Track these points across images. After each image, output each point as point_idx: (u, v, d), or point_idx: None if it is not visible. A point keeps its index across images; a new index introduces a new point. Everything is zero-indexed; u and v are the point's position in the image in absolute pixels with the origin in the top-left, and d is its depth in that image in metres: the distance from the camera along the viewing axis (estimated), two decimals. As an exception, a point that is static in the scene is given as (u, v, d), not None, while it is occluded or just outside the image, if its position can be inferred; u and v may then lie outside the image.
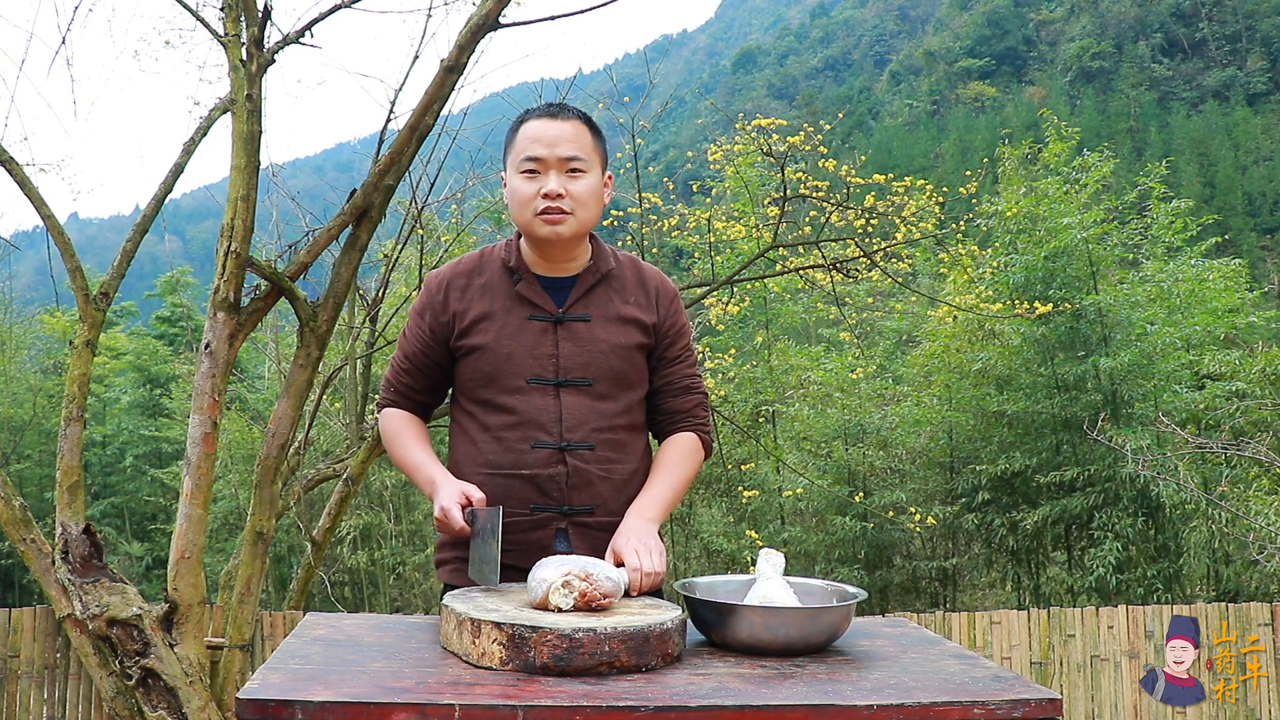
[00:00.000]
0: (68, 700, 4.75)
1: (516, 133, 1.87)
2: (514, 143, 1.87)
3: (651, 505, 1.83)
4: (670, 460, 1.91)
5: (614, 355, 1.87)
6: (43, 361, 16.09)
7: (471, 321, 1.88)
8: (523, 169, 1.84)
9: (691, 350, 2.00)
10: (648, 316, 1.92)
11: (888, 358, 12.99)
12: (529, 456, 1.83)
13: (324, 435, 9.34)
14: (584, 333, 1.86)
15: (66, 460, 4.47)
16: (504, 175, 1.92)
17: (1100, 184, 10.42)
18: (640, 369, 1.92)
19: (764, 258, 7.27)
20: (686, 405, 1.96)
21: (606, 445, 1.86)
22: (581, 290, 1.89)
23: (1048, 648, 5.42)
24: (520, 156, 1.84)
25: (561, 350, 1.85)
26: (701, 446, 1.96)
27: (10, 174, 4.69)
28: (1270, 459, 6.19)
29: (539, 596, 1.48)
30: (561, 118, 1.85)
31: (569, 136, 1.83)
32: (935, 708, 1.26)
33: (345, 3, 4.87)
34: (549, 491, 1.83)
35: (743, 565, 9.73)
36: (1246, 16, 53.70)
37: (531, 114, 1.87)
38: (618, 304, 1.90)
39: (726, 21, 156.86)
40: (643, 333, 1.91)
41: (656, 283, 1.96)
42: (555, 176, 1.82)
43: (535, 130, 1.84)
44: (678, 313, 1.97)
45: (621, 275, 1.93)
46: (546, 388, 1.84)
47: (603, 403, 1.86)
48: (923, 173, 20.17)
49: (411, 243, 6.73)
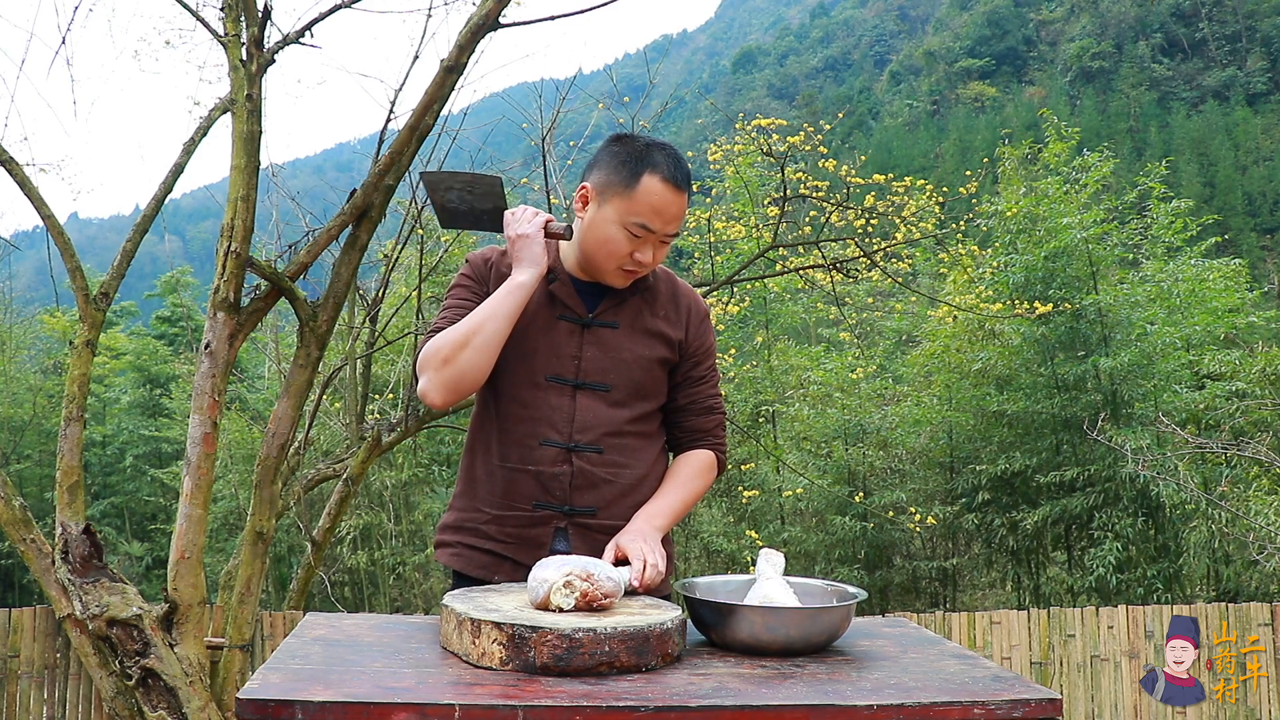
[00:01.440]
0: (68, 700, 4.75)
1: (637, 180, 1.77)
2: (631, 192, 1.77)
3: (659, 513, 1.84)
4: (684, 474, 1.92)
5: (636, 366, 1.88)
6: (43, 361, 16.10)
7: None
8: (633, 230, 1.79)
9: (716, 371, 2.01)
10: (675, 332, 1.92)
11: (888, 358, 13.00)
12: (536, 453, 1.84)
13: (324, 435, 9.34)
14: (610, 339, 1.87)
15: (66, 460, 4.47)
16: (590, 191, 1.83)
17: (1100, 184, 10.43)
18: (660, 382, 1.92)
19: (764, 258, 7.28)
20: (708, 425, 1.97)
21: (615, 450, 1.87)
22: (615, 299, 1.90)
23: (1048, 648, 5.42)
24: (634, 218, 1.78)
25: (585, 354, 1.86)
26: (716, 465, 1.97)
27: (10, 174, 4.69)
28: (1270, 459, 6.19)
29: (540, 596, 1.48)
30: (680, 189, 1.80)
31: (680, 213, 1.81)
32: (935, 708, 1.26)
33: (345, 3, 4.87)
34: (552, 490, 1.84)
35: (743, 565, 9.73)
36: (1246, 16, 53.72)
37: (657, 168, 1.78)
38: (648, 316, 1.91)
39: (726, 21, 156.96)
40: (668, 348, 1.91)
41: (689, 300, 1.97)
42: (653, 248, 1.82)
43: (661, 199, 1.77)
44: (707, 332, 1.97)
45: (656, 289, 1.94)
46: (564, 387, 1.85)
47: (617, 409, 1.87)
48: (923, 173, 20.18)
49: (411, 243, 6.73)
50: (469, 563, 1.87)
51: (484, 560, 1.86)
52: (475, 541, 1.88)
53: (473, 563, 1.87)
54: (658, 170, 1.77)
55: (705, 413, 1.97)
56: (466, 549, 1.89)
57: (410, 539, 11.52)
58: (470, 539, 1.89)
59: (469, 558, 1.88)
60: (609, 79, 7.74)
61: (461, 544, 1.90)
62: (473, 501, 1.90)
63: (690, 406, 1.96)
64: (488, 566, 1.86)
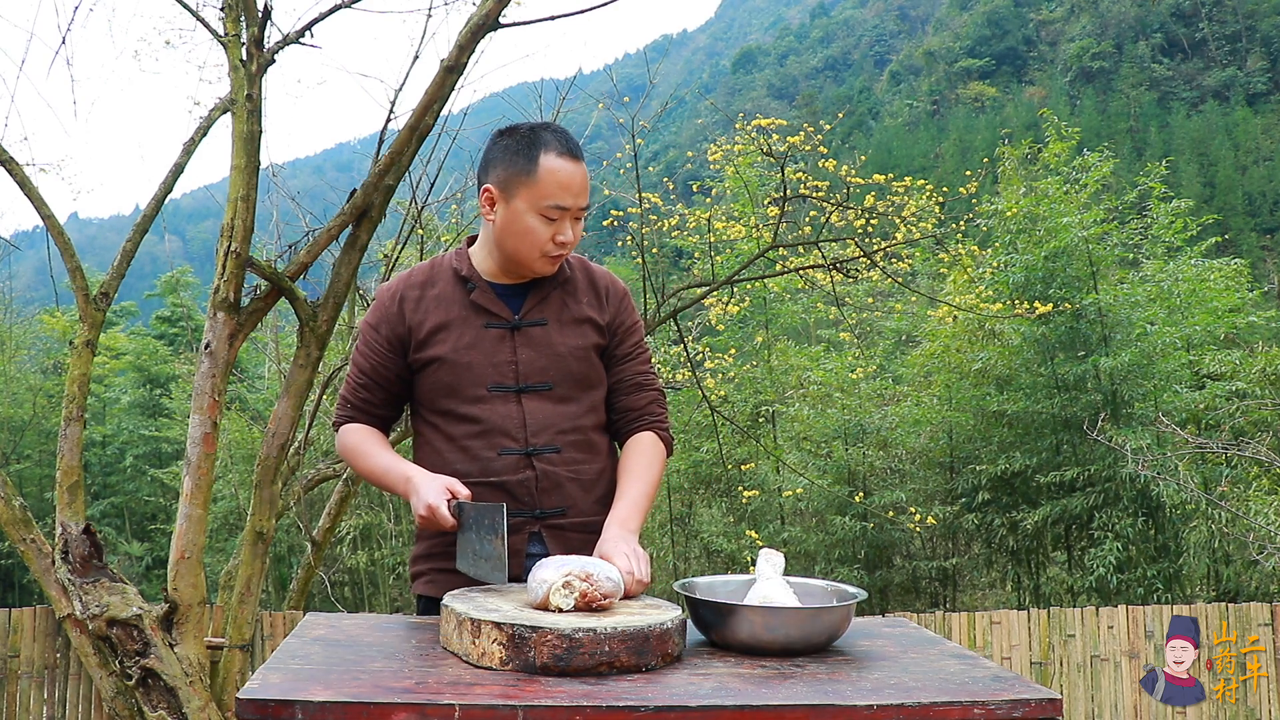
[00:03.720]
0: (68, 700, 4.75)
1: (535, 165, 1.78)
2: (532, 178, 1.78)
3: (631, 516, 1.80)
4: (636, 466, 1.89)
5: (572, 358, 1.87)
6: (43, 361, 16.11)
7: (428, 333, 1.86)
8: (547, 213, 1.79)
9: (644, 348, 1.99)
10: (600, 316, 1.92)
11: (887, 358, 12.99)
12: (496, 464, 1.83)
13: (324, 435, 9.33)
14: (541, 337, 1.86)
15: (66, 460, 4.47)
16: (494, 192, 1.82)
17: (1100, 184, 10.42)
18: (599, 369, 1.92)
19: (764, 258, 7.28)
20: (640, 403, 1.94)
21: (572, 447, 1.86)
22: (537, 297, 1.89)
23: (1048, 648, 5.42)
24: (545, 200, 1.78)
25: (520, 356, 1.85)
26: (662, 444, 1.94)
27: (10, 174, 4.69)
28: (1270, 459, 6.19)
29: (539, 597, 1.48)
30: (578, 159, 1.81)
31: (584, 184, 1.82)
32: (935, 708, 1.26)
33: (345, 3, 4.87)
34: (519, 497, 1.83)
35: (743, 565, 9.74)
36: (1246, 16, 53.71)
37: (549, 146, 1.79)
38: (572, 306, 1.91)
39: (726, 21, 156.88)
40: (597, 332, 1.91)
41: (606, 282, 1.97)
42: (570, 224, 1.82)
43: (562, 175, 1.78)
44: (628, 310, 1.97)
45: (573, 279, 1.94)
46: (508, 394, 1.84)
47: (565, 405, 1.86)
48: (923, 173, 20.18)
49: (411, 243, 6.73)
50: (443, 587, 1.77)
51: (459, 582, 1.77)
52: (448, 565, 1.81)
53: (448, 586, 1.76)
54: (550, 148, 1.79)
55: (635, 390, 1.94)
56: (440, 573, 1.85)
57: (410, 539, 11.51)
58: (442, 563, 1.84)
59: (442, 582, 1.82)
60: (609, 79, 7.74)
61: (434, 570, 1.86)
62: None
63: (619, 385, 1.94)
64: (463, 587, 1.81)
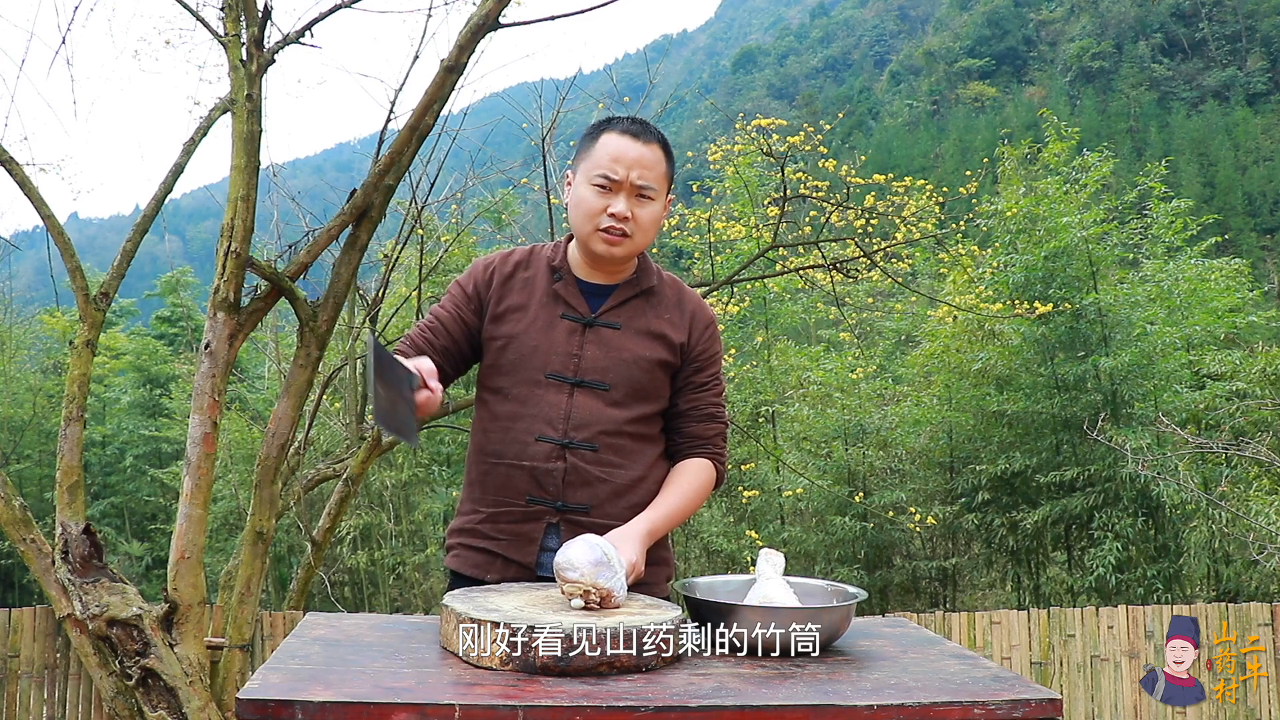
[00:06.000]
0: (68, 700, 4.74)
1: (596, 141, 1.85)
2: (591, 151, 1.85)
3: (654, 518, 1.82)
4: (682, 482, 1.90)
5: (636, 366, 1.88)
6: (43, 361, 16.10)
7: (506, 310, 1.91)
8: (596, 182, 1.82)
9: (720, 380, 1.99)
10: (677, 335, 1.92)
11: (888, 358, 13.00)
12: (531, 449, 1.85)
13: (324, 435, 9.34)
14: (611, 339, 1.88)
15: (66, 460, 4.47)
16: (570, 174, 1.91)
17: (1100, 184, 10.42)
18: (661, 384, 1.92)
19: (764, 258, 7.28)
20: (708, 433, 1.95)
21: (610, 449, 1.86)
22: (618, 300, 1.91)
23: (1048, 648, 5.41)
24: (596, 170, 1.83)
25: (585, 352, 1.87)
26: (715, 474, 1.95)
27: (10, 174, 4.68)
28: (1270, 459, 6.19)
29: (561, 575, 1.50)
30: (644, 140, 1.84)
31: (647, 163, 1.83)
32: (935, 708, 1.26)
33: (345, 3, 4.87)
34: (545, 485, 1.85)
35: (743, 565, 9.73)
36: (1246, 16, 53.71)
37: (615, 125, 1.85)
38: (650, 318, 1.91)
39: (726, 21, 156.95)
40: (669, 350, 1.91)
41: (694, 306, 1.97)
42: (625, 199, 1.82)
43: (617, 148, 1.82)
44: (712, 339, 1.97)
45: (661, 293, 1.95)
46: (562, 385, 1.86)
47: (615, 409, 1.87)
48: (923, 173, 20.17)
49: (411, 243, 6.73)
50: (465, 562, 1.91)
51: (478, 559, 1.89)
52: (472, 541, 1.91)
53: (468, 562, 1.91)
54: (614, 127, 1.85)
55: (705, 420, 1.95)
56: (464, 549, 1.92)
57: (410, 539, 11.52)
58: (468, 539, 1.92)
59: (465, 557, 1.91)
60: (609, 79, 7.73)
61: (461, 545, 1.93)
62: (471, 503, 1.93)
63: (690, 412, 1.95)
64: (480, 565, 1.88)
